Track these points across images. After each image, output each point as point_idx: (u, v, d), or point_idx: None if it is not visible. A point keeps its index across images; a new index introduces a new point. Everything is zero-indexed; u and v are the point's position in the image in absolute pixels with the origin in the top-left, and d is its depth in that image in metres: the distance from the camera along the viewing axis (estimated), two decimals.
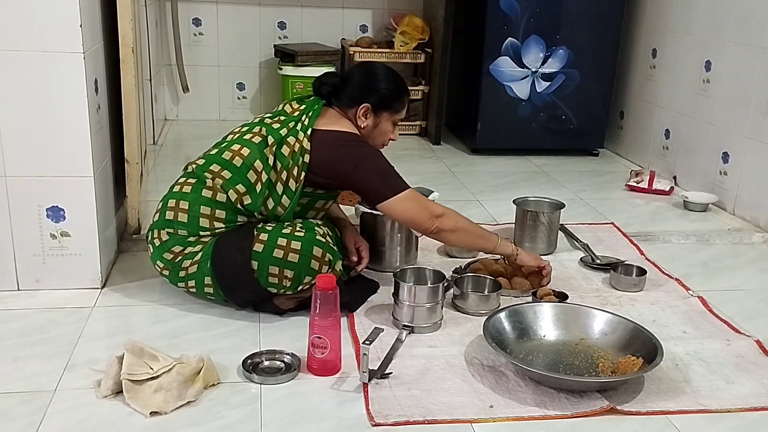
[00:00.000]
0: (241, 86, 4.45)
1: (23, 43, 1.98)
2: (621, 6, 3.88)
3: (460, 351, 1.95)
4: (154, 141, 3.87)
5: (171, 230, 2.06)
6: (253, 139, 2.07)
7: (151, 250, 2.10)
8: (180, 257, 2.04)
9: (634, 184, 3.47)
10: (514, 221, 2.69)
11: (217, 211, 2.04)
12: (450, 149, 4.13)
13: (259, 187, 2.03)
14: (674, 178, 3.54)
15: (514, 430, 1.64)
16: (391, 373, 1.82)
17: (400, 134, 4.48)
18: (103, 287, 2.23)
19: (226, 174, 2.04)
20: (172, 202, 2.07)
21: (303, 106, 2.16)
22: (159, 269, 2.10)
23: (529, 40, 3.82)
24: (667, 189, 3.41)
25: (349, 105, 2.16)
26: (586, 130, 4.04)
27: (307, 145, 2.05)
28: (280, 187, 2.04)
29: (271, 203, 2.05)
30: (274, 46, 4.35)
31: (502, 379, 1.81)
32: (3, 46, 1.98)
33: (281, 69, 4.19)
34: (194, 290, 2.08)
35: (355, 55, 4.15)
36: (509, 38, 3.81)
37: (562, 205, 2.70)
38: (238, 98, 4.47)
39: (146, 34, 3.63)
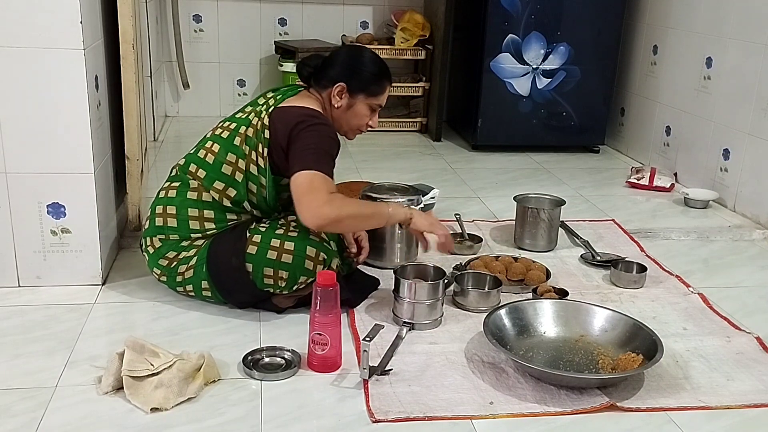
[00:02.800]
0: (241, 83, 4.45)
1: (24, 40, 1.98)
2: (622, 2, 3.87)
3: (461, 348, 1.95)
4: (154, 137, 3.88)
5: (163, 236, 2.06)
6: (222, 135, 2.08)
7: (147, 258, 2.11)
8: (175, 263, 2.05)
9: (635, 181, 3.47)
10: (514, 218, 2.69)
11: (205, 211, 2.04)
12: (451, 146, 4.13)
13: (239, 177, 2.03)
14: (675, 174, 3.54)
15: (514, 427, 1.64)
16: (391, 369, 1.82)
17: (401, 130, 4.51)
18: (103, 284, 2.23)
19: (201, 173, 2.05)
20: (159, 209, 2.07)
21: (277, 95, 2.15)
22: (156, 276, 2.11)
23: (529, 36, 3.82)
24: (668, 186, 3.41)
25: (325, 86, 2.12)
26: (586, 126, 4.04)
27: (267, 121, 2.03)
28: (254, 168, 2.03)
29: (253, 187, 2.04)
30: (275, 42, 4.35)
31: (502, 376, 1.82)
32: (3, 43, 1.98)
33: (281, 65, 4.19)
34: (193, 294, 2.09)
35: None
36: (510, 35, 3.80)
37: (562, 202, 2.70)
38: (239, 95, 4.47)
39: (147, 30, 3.63)
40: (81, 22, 2.01)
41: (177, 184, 2.08)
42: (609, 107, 4.06)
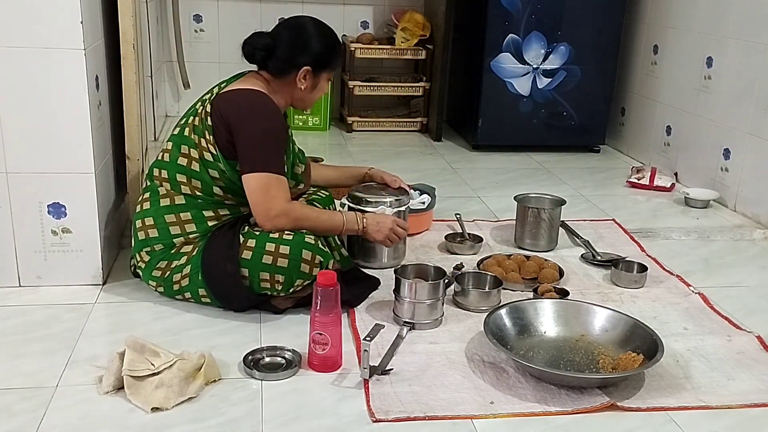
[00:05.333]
0: None
1: (24, 40, 1.98)
2: (622, 2, 3.87)
3: (461, 347, 1.95)
4: (155, 137, 3.87)
5: (148, 248, 2.08)
6: (174, 132, 2.11)
7: (142, 274, 2.12)
8: (168, 272, 2.06)
9: (636, 181, 3.46)
10: (515, 218, 2.69)
11: (182, 214, 2.05)
12: (451, 146, 4.13)
13: (196, 166, 2.03)
14: (675, 174, 3.54)
15: (515, 426, 1.64)
16: (391, 369, 1.82)
17: (401, 130, 4.53)
18: (104, 284, 2.23)
19: (164, 173, 2.07)
20: (139, 223, 2.08)
21: (222, 82, 2.14)
22: (153, 288, 2.12)
23: (530, 36, 3.82)
24: (668, 185, 3.41)
25: (285, 70, 2.09)
26: (587, 126, 4.04)
27: (209, 108, 2.03)
28: (207, 155, 2.02)
29: (215, 173, 2.03)
30: None
31: (502, 376, 1.82)
32: (4, 43, 1.98)
33: None
34: (192, 301, 2.10)
35: (356, 51, 4.16)
36: (510, 34, 3.80)
37: (563, 202, 2.70)
38: None
39: (147, 30, 3.63)
40: (81, 23, 2.01)
41: (148, 195, 2.10)
42: (609, 107, 4.06)
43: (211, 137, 2.01)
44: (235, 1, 4.33)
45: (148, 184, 2.12)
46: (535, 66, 3.87)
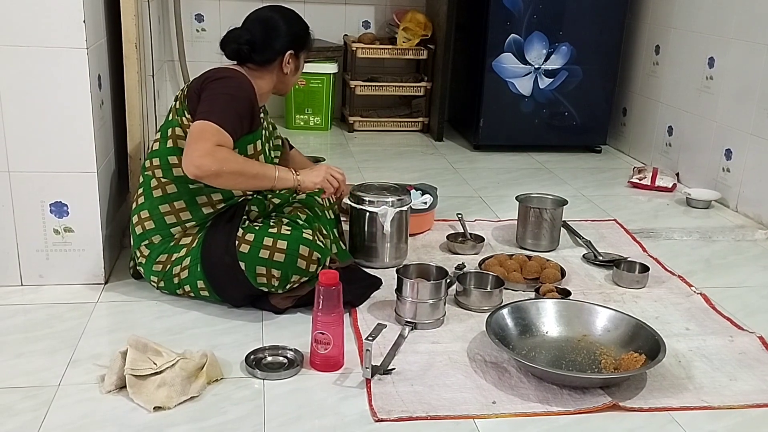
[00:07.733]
0: None
1: (27, 39, 1.98)
2: (624, 2, 3.87)
3: (463, 347, 1.95)
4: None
5: (147, 242, 2.08)
6: (162, 125, 2.15)
7: (143, 270, 2.12)
8: (169, 265, 2.06)
9: (637, 181, 3.46)
10: (516, 218, 2.69)
11: (175, 203, 2.06)
12: (452, 146, 4.12)
13: (182, 144, 2.03)
14: (677, 174, 3.53)
15: (517, 426, 1.64)
16: (393, 369, 1.82)
17: (402, 130, 4.53)
18: (106, 283, 2.23)
19: (156, 161, 2.08)
20: (135, 219, 2.10)
21: None
22: (155, 284, 2.12)
23: (531, 36, 3.82)
24: (670, 186, 3.41)
25: (271, 58, 2.15)
26: (588, 126, 4.04)
27: (186, 91, 2.09)
28: None
29: None
30: None
31: (504, 376, 1.82)
32: (7, 42, 1.98)
33: None
34: (192, 295, 2.10)
35: (358, 51, 4.16)
36: (512, 34, 3.80)
37: (564, 202, 2.70)
38: None
39: (149, 30, 3.62)
40: (84, 22, 2.01)
41: (141, 190, 2.11)
42: (611, 107, 4.05)
43: (190, 116, 2.04)
44: (237, 1, 4.32)
45: (141, 180, 2.13)
46: (536, 66, 3.87)
